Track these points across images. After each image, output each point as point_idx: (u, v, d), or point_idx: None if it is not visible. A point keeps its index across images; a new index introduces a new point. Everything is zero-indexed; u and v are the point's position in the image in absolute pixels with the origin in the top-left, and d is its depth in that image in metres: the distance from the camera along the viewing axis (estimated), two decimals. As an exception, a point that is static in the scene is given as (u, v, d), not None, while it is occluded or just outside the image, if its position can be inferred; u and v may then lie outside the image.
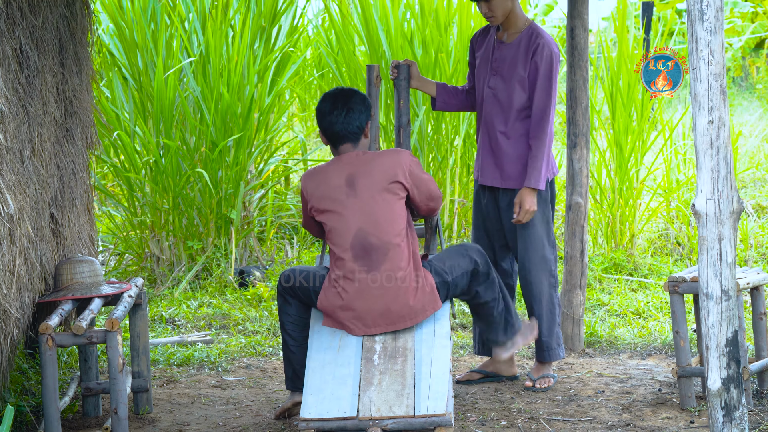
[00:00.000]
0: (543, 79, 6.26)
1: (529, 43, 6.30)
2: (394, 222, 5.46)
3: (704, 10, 4.37)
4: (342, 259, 5.45)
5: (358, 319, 5.41)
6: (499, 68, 6.36)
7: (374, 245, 5.42)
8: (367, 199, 5.46)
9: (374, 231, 5.43)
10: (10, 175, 5.18)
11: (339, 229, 5.46)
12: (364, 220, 5.44)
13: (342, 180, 5.49)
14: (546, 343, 6.47)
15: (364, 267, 5.42)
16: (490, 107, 6.39)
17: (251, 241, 9.50)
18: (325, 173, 5.55)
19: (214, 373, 6.97)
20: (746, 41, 18.95)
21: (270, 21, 9.72)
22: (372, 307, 5.39)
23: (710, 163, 4.39)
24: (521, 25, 6.36)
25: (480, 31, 6.58)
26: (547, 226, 6.42)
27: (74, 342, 5.27)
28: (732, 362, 4.44)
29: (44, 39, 5.95)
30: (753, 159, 12.16)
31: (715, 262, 4.42)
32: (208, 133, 9.03)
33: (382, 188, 5.48)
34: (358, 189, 5.47)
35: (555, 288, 6.48)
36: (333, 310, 5.45)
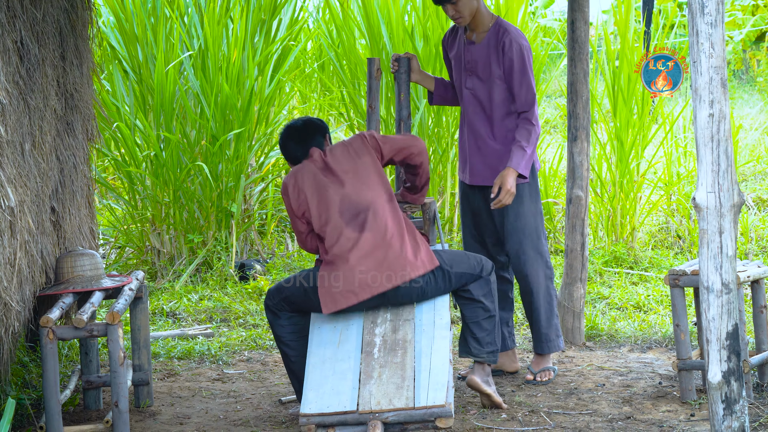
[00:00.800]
0: (519, 74, 6.24)
1: (497, 40, 6.26)
2: (374, 182, 5.59)
3: (705, 3, 4.36)
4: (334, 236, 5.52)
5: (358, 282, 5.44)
6: (473, 69, 6.34)
7: (361, 206, 5.53)
8: (342, 171, 5.60)
9: (356, 193, 5.55)
10: (11, 168, 5.18)
11: (325, 206, 5.55)
12: (345, 188, 5.56)
13: (317, 170, 5.63)
14: (545, 335, 6.47)
15: (356, 229, 5.51)
16: (471, 108, 6.38)
17: (252, 234, 9.51)
18: (298, 171, 5.67)
19: (215, 366, 6.97)
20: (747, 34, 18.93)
21: (270, 14, 9.71)
22: (370, 262, 5.45)
23: (711, 156, 4.39)
24: (488, 24, 6.33)
25: (449, 31, 6.56)
26: (540, 218, 6.42)
27: (75, 335, 5.27)
28: (732, 355, 4.44)
29: (45, 32, 5.94)
30: (753, 152, 12.15)
31: (715, 255, 4.42)
32: (208, 126, 9.03)
33: (352, 157, 5.63)
34: (332, 168, 5.60)
35: (551, 279, 6.48)
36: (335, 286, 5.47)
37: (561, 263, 8.93)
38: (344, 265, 5.46)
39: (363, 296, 5.44)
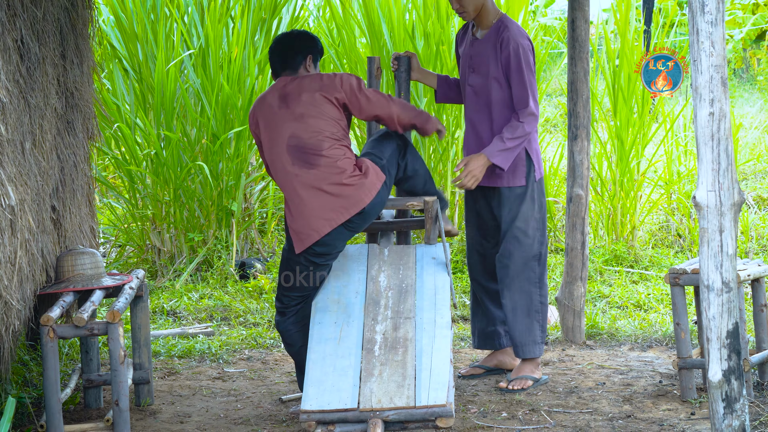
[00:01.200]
0: (515, 72, 6.20)
1: (497, 37, 6.24)
2: (325, 127, 5.59)
3: (705, 2, 4.36)
4: (283, 171, 5.58)
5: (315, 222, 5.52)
6: (475, 65, 6.32)
7: (308, 145, 5.55)
8: (296, 106, 5.60)
9: (305, 133, 5.56)
10: (11, 167, 5.18)
11: (274, 140, 5.60)
12: (296, 126, 5.58)
13: (275, 98, 5.67)
14: (518, 339, 6.35)
15: (304, 166, 5.55)
16: (472, 105, 6.36)
17: (252, 233, 9.51)
18: (262, 99, 5.73)
19: (216, 364, 6.98)
20: (747, 33, 18.93)
21: (270, 12, 9.71)
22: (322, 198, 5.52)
23: (711, 155, 4.39)
24: (492, 20, 6.30)
25: (462, 28, 6.54)
26: (539, 224, 6.34)
27: (75, 334, 5.27)
28: (733, 354, 4.45)
29: (45, 30, 5.95)
30: (754, 151, 12.15)
31: (716, 254, 4.42)
32: (209, 125, 9.04)
33: (312, 95, 5.62)
34: (289, 101, 5.62)
35: (536, 285, 6.36)
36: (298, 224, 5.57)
37: (561, 262, 8.93)
38: (297, 199, 5.55)
39: (324, 229, 5.53)
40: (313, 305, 5.59)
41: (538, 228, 6.32)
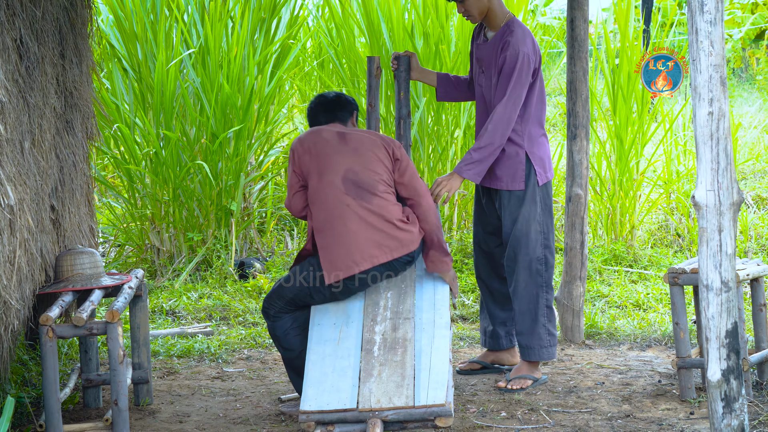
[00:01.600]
0: (503, 78, 6.17)
1: (501, 41, 6.22)
2: (381, 172, 5.61)
3: (704, 2, 4.36)
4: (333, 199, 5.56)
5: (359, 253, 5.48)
6: (484, 66, 6.33)
7: (364, 181, 5.56)
8: (358, 147, 5.63)
9: (363, 170, 5.57)
10: (11, 167, 5.18)
11: (327, 168, 5.59)
12: (354, 161, 5.59)
13: (332, 134, 5.68)
14: (524, 342, 6.37)
15: (358, 198, 5.54)
16: (481, 104, 6.36)
17: (251, 232, 9.51)
18: (317, 132, 5.72)
19: (215, 364, 6.97)
20: (746, 32, 18.94)
21: (270, 12, 9.71)
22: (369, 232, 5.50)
23: (710, 155, 4.39)
24: (500, 22, 6.28)
25: (477, 26, 6.51)
26: (541, 228, 6.33)
27: (75, 333, 5.27)
28: (732, 353, 4.45)
29: (44, 30, 5.94)
30: (753, 150, 12.15)
31: (714, 254, 4.42)
32: (208, 124, 9.03)
33: (372, 139, 5.67)
34: (348, 140, 5.65)
35: (543, 289, 6.35)
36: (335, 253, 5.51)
37: (560, 261, 8.93)
38: (343, 229, 5.51)
39: (365, 266, 5.49)
40: (312, 307, 5.59)
41: (541, 231, 6.31)
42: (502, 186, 6.29)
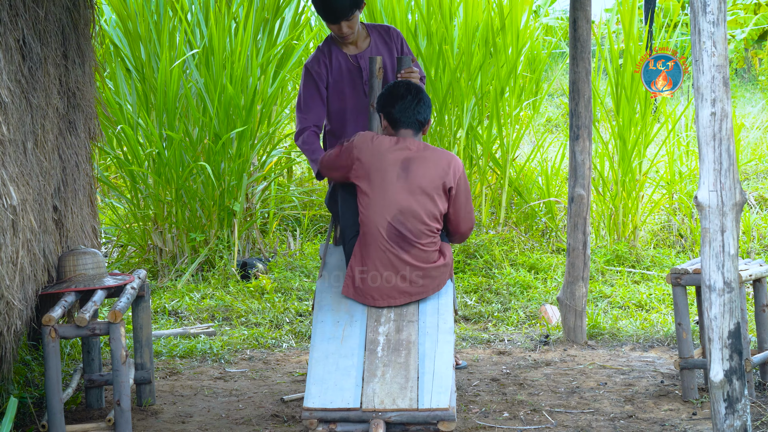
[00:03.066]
0: (408, 50, 6.50)
1: (383, 38, 6.45)
2: (431, 221, 5.52)
3: (707, 2, 4.36)
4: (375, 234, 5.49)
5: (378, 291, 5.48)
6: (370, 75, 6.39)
7: (410, 230, 5.48)
8: (416, 187, 5.51)
9: (412, 218, 5.48)
10: (13, 167, 5.18)
11: (380, 204, 5.50)
12: (407, 205, 5.49)
13: (398, 159, 5.53)
14: None
15: (397, 245, 5.49)
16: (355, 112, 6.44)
17: (254, 233, 9.51)
18: (382, 143, 5.57)
19: (217, 364, 6.98)
20: (749, 33, 18.93)
21: (273, 13, 9.72)
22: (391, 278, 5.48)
23: (713, 155, 4.39)
24: (364, 31, 6.47)
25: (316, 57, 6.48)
26: None
27: (77, 334, 5.27)
28: (734, 354, 4.44)
29: (47, 30, 5.95)
30: (755, 151, 12.15)
31: (717, 254, 4.42)
32: (211, 125, 9.03)
33: (431, 186, 5.52)
34: (410, 174, 5.51)
35: None
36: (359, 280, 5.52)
37: (563, 262, 8.93)
38: (372, 265, 5.50)
39: (380, 304, 5.50)
40: (315, 303, 5.60)
41: None
42: None
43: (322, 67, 6.42)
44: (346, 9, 6.18)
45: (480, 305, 8.17)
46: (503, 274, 8.80)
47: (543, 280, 8.75)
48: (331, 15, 6.21)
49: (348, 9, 6.18)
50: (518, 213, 9.85)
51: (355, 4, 6.19)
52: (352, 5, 6.18)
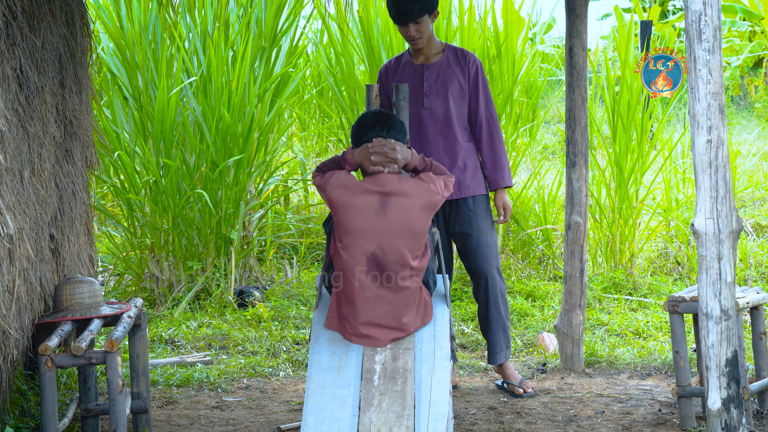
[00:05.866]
0: (482, 88, 6.66)
1: (458, 57, 6.67)
2: (414, 245, 5.42)
3: (702, 30, 4.38)
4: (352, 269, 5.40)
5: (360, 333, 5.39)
6: (431, 88, 6.63)
7: (389, 264, 5.38)
8: (396, 227, 5.38)
9: (392, 252, 5.38)
10: (10, 196, 5.18)
11: (357, 243, 5.38)
12: (387, 241, 5.37)
13: (374, 199, 5.40)
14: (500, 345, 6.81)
15: (376, 281, 5.41)
16: (432, 126, 6.64)
17: (251, 261, 9.50)
18: (355, 184, 5.46)
19: (214, 394, 6.96)
20: (744, 60, 18.99)
21: (270, 41, 9.74)
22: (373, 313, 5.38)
23: (709, 183, 4.40)
24: (440, 46, 6.69)
25: (391, 63, 6.79)
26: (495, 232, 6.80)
27: (73, 363, 5.26)
28: (732, 382, 4.44)
29: (44, 59, 5.96)
30: (752, 178, 12.16)
31: (714, 282, 4.42)
32: (208, 153, 9.04)
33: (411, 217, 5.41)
34: (389, 209, 5.39)
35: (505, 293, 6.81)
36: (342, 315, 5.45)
37: (560, 289, 8.93)
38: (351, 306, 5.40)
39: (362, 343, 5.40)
40: (312, 334, 5.59)
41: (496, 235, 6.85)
42: (469, 192, 6.68)
43: (388, 72, 6.74)
44: (415, 11, 6.44)
45: (477, 333, 8.15)
46: (500, 302, 8.78)
47: (540, 307, 8.74)
48: (400, 16, 6.48)
49: (417, 11, 6.44)
50: (515, 240, 9.85)
51: (425, 8, 6.46)
52: (421, 9, 6.44)
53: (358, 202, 5.37)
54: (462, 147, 6.65)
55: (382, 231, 5.38)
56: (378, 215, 5.36)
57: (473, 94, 6.65)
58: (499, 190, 6.68)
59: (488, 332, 6.78)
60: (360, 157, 5.50)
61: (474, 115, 6.67)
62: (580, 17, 7.18)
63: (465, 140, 6.67)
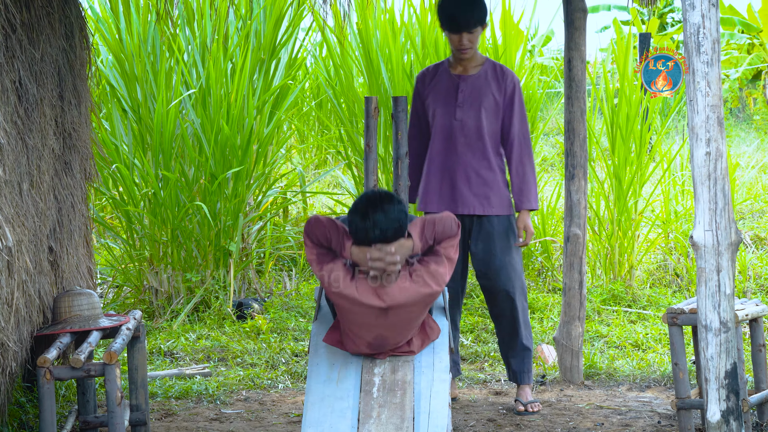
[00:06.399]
0: (518, 106, 6.62)
1: (496, 72, 6.65)
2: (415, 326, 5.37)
3: (701, 42, 4.38)
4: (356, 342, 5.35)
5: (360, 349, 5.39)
6: (465, 99, 6.62)
7: (391, 343, 5.34)
8: (396, 322, 5.28)
9: (393, 336, 5.32)
10: (9, 208, 5.18)
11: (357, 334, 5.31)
12: (388, 331, 5.29)
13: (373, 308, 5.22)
14: (527, 365, 6.75)
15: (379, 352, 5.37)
16: (462, 138, 6.61)
17: (250, 273, 9.50)
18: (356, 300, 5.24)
19: (213, 406, 6.95)
20: (743, 72, 19.02)
21: (269, 54, 9.75)
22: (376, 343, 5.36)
23: (708, 195, 4.40)
24: (480, 60, 6.68)
25: (429, 69, 6.80)
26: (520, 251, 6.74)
27: (72, 375, 5.25)
28: (731, 394, 4.43)
29: (43, 72, 5.96)
30: (751, 190, 12.17)
31: (713, 294, 4.42)
32: (207, 165, 9.04)
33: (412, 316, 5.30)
34: (390, 315, 5.23)
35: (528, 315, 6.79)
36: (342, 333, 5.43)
37: (559, 301, 8.92)
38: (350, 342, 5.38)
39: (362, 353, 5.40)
40: (311, 346, 5.58)
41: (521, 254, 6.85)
42: (494, 211, 6.60)
43: (425, 79, 6.74)
44: (470, 21, 6.48)
45: (476, 345, 8.15)
46: (499, 314, 8.78)
47: (539, 319, 8.74)
48: (455, 25, 6.50)
49: (472, 22, 6.48)
50: (514, 252, 9.84)
51: (479, 19, 6.49)
52: (476, 20, 6.49)
53: (357, 310, 5.26)
54: (490, 163, 6.59)
55: (383, 327, 5.28)
56: (379, 318, 5.24)
57: (507, 111, 6.61)
58: (523, 211, 6.61)
59: (513, 354, 6.71)
60: (358, 258, 5.19)
61: (507, 133, 6.62)
62: (578, 30, 7.19)
63: (494, 156, 6.61)
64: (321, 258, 5.29)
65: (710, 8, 4.41)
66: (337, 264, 5.25)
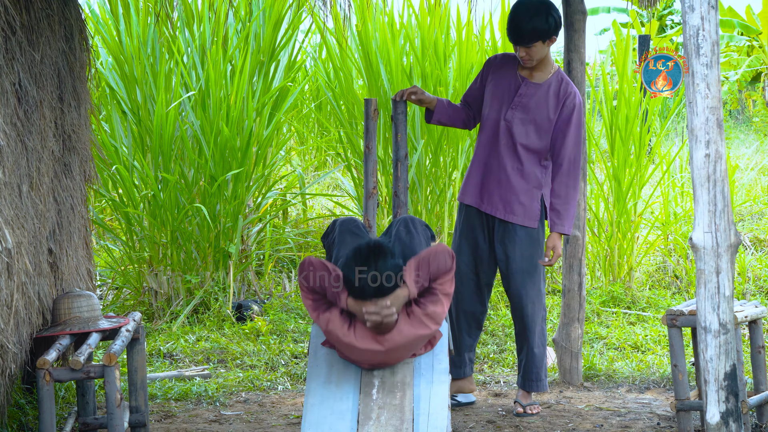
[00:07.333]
0: (574, 128, 6.48)
1: (559, 89, 6.50)
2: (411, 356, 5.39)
3: (700, 44, 4.39)
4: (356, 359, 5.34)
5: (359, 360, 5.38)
6: (520, 104, 6.51)
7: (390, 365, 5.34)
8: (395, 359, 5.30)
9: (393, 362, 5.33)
10: (9, 210, 5.18)
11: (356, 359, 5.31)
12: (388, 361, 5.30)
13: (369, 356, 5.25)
14: (536, 374, 6.65)
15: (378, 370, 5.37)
16: (504, 140, 6.52)
17: (249, 274, 9.50)
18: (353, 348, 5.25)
19: (212, 407, 6.95)
20: (742, 74, 19.02)
21: (269, 56, 9.75)
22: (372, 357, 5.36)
23: (707, 197, 4.40)
24: (550, 70, 6.56)
25: (501, 57, 6.69)
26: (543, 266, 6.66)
27: (72, 377, 5.25)
28: (730, 396, 4.43)
29: (43, 74, 5.97)
30: (750, 192, 12.17)
31: (712, 296, 4.42)
32: (206, 167, 9.04)
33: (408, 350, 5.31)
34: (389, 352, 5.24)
35: (545, 321, 6.68)
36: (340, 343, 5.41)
37: (558, 303, 8.92)
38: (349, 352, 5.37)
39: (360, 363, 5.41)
40: (311, 347, 5.58)
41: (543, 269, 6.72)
42: (517, 221, 6.51)
43: (492, 65, 6.65)
44: (526, 37, 6.36)
45: (476, 346, 8.15)
46: (499, 316, 8.80)
47: (539, 321, 8.74)
48: (512, 37, 6.42)
49: (528, 38, 6.37)
50: (514, 254, 9.84)
51: (537, 35, 6.36)
52: (533, 37, 6.36)
53: (357, 353, 5.27)
54: (525, 173, 6.49)
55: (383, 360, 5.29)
56: (378, 356, 5.26)
57: (561, 130, 6.48)
58: (554, 233, 6.50)
59: (521, 358, 6.69)
60: (354, 309, 5.17)
61: (557, 153, 6.49)
62: (578, 32, 7.20)
63: (532, 166, 6.49)
64: (317, 305, 5.31)
65: (709, 10, 4.41)
66: (334, 313, 5.26)
